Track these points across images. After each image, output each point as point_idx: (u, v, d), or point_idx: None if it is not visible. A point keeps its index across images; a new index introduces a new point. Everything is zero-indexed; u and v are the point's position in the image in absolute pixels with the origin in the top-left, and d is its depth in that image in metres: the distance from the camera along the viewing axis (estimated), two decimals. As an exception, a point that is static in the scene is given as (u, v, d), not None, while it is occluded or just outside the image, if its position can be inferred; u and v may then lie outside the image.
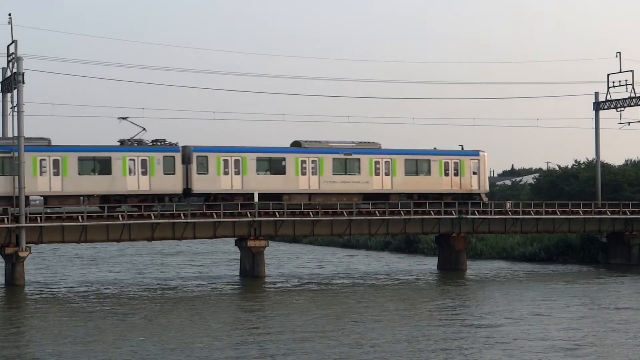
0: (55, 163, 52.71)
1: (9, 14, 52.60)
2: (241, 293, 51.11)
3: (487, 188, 63.96)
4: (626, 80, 70.52)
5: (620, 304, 43.30)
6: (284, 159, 57.90)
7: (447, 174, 61.40)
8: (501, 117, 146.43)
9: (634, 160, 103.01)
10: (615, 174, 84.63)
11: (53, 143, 53.58)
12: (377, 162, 59.53)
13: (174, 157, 55.13)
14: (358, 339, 33.10)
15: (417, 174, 60.86)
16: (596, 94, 72.48)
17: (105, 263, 70.50)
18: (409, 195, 61.55)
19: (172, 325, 37.00)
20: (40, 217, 51.70)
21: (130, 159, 54.12)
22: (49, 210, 53.07)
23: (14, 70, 51.91)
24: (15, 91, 51.66)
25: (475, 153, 62.95)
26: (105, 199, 54.32)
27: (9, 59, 52.80)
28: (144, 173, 54.25)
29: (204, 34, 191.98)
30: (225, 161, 56.26)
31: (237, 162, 56.45)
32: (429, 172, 61.08)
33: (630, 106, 70.57)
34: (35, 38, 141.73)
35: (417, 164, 61.06)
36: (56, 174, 52.69)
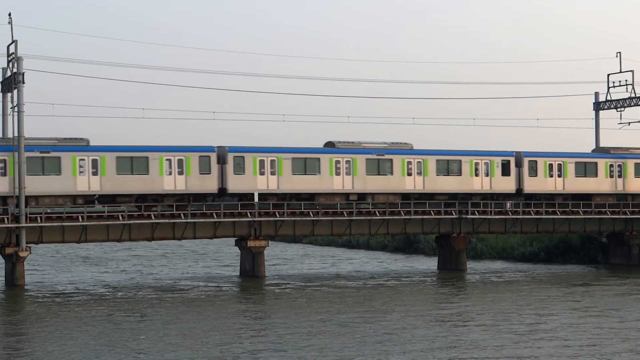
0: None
1: (9, 14, 52.63)
2: (241, 293, 51.13)
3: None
4: (626, 80, 70.66)
5: (615, 306, 43.29)
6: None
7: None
8: (501, 117, 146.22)
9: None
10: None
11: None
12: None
13: None
14: (357, 339, 33.12)
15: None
16: (596, 94, 72.60)
17: (106, 264, 70.51)
18: None
19: (173, 325, 37.01)
20: (41, 217, 51.77)
21: None
22: (49, 210, 53.27)
23: (14, 70, 51.94)
24: (15, 91, 51.71)
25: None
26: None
27: (9, 59, 52.82)
28: None
29: (204, 34, 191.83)
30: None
31: None
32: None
33: (630, 106, 70.68)
34: (35, 38, 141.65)
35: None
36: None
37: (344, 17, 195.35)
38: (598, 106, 72.53)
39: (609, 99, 71.67)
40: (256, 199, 56.79)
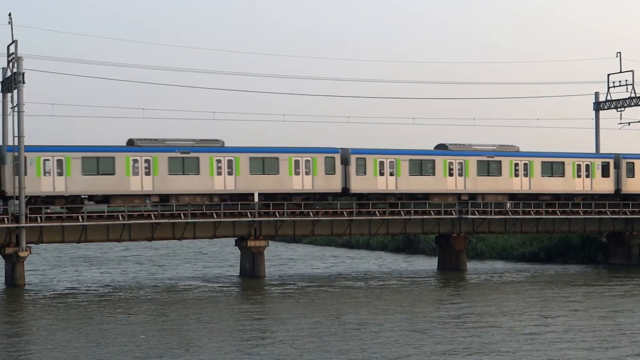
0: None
1: (9, 14, 52.59)
2: (241, 294, 51.12)
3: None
4: (626, 80, 70.67)
5: (618, 308, 43.26)
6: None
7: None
8: (501, 117, 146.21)
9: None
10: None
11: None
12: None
13: None
14: (358, 340, 33.09)
15: None
16: (596, 94, 72.59)
17: (106, 264, 70.49)
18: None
19: (172, 325, 37.00)
20: (41, 217, 51.75)
21: None
22: (49, 210, 53.30)
23: (14, 70, 51.90)
24: (15, 91, 51.69)
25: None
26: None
27: (9, 59, 52.77)
28: None
29: (204, 34, 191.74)
30: None
31: None
32: None
33: (630, 106, 70.70)
34: (35, 38, 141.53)
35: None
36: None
37: (344, 17, 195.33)
38: (598, 106, 72.51)
39: (609, 99, 71.67)
40: (256, 199, 56.77)
